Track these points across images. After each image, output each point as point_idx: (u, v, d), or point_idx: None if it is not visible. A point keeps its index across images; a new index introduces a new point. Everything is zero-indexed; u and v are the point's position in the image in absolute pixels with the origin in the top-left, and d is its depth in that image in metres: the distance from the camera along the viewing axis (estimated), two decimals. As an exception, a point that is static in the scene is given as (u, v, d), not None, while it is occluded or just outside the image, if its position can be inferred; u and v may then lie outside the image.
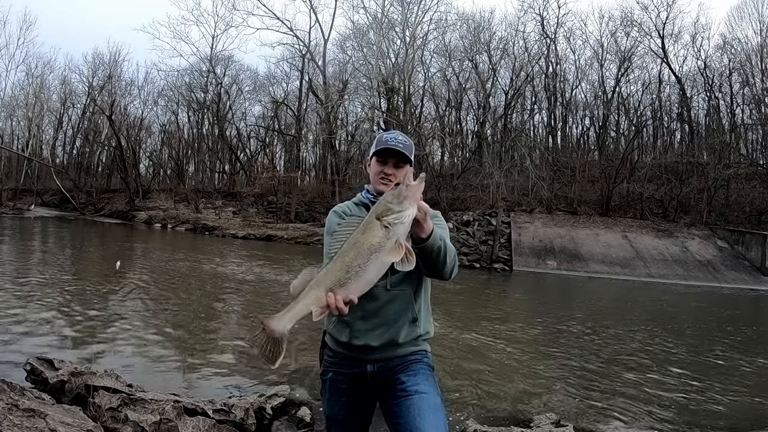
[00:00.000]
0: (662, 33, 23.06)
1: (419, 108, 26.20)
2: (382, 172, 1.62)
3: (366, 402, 1.60)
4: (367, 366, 1.53)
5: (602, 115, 24.64)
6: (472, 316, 7.67)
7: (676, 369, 5.37)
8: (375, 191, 1.65)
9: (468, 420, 3.39)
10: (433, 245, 1.39)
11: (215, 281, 9.20)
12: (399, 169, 1.61)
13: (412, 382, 1.50)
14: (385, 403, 1.53)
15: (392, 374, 1.52)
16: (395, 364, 1.53)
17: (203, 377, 4.13)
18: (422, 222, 1.32)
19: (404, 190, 1.23)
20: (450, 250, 1.47)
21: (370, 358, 1.53)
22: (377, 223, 1.23)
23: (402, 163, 1.62)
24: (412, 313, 1.55)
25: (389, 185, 1.56)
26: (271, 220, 23.13)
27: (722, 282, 14.11)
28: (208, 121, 30.99)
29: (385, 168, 1.62)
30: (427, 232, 1.36)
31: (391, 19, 24.92)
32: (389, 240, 1.22)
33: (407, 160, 1.61)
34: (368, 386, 1.55)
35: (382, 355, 1.53)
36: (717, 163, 19.26)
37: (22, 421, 2.05)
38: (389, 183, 1.59)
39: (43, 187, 29.89)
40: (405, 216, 1.22)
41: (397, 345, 1.53)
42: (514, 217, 18.15)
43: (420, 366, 1.55)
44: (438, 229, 1.42)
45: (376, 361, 1.53)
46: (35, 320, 5.34)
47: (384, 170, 1.62)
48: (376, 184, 1.64)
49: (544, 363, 5.29)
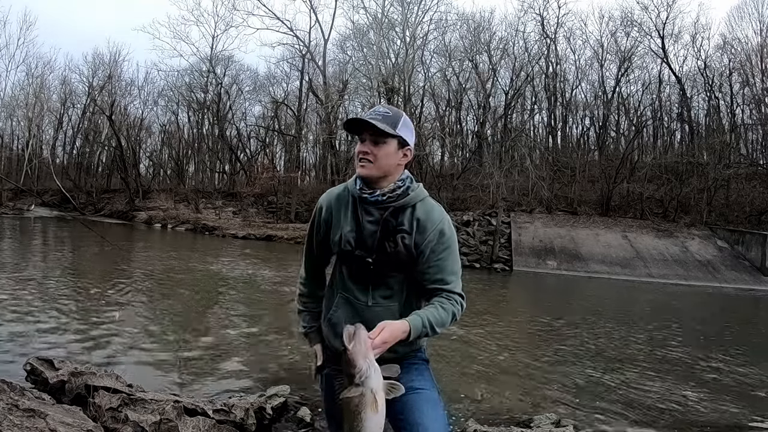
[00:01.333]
0: (662, 33, 23.07)
1: (419, 108, 26.18)
2: (359, 151, 1.42)
3: None
4: None
5: (602, 115, 24.63)
6: (471, 316, 7.66)
7: (676, 369, 5.37)
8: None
9: (468, 420, 3.38)
10: (418, 336, 1.35)
11: (215, 281, 9.20)
12: (378, 146, 1.39)
13: (406, 379, 1.46)
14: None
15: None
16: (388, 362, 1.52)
17: (203, 377, 4.13)
18: (389, 345, 1.29)
19: (350, 355, 1.25)
20: (440, 320, 1.38)
21: None
22: (351, 385, 1.27)
23: (381, 137, 1.38)
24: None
25: (367, 167, 1.40)
26: (271, 220, 23.13)
27: (722, 282, 14.11)
28: (208, 121, 30.99)
29: (361, 146, 1.41)
30: (403, 337, 1.32)
31: (391, 19, 24.93)
32: (365, 397, 1.25)
33: (385, 133, 1.37)
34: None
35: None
36: (717, 163, 19.26)
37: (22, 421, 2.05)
38: (366, 164, 1.40)
39: (43, 187, 29.89)
40: (364, 373, 1.24)
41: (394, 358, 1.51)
42: (514, 217, 18.15)
43: (414, 361, 1.52)
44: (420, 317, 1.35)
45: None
46: (35, 320, 5.33)
47: (358, 148, 1.42)
48: (356, 167, 1.43)
49: (544, 363, 5.29)
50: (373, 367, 1.25)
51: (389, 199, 1.43)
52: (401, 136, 1.41)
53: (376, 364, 1.26)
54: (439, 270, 1.43)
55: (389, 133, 1.37)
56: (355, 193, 1.46)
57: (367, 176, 1.42)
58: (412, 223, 1.42)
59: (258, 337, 5.53)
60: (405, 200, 1.44)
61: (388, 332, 1.28)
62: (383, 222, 1.42)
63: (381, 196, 1.43)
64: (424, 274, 1.44)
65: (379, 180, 1.43)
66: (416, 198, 1.46)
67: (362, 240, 1.44)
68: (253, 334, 5.64)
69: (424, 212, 1.44)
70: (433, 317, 1.37)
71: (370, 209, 1.44)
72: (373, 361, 1.26)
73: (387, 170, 1.42)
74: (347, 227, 1.45)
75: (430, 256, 1.42)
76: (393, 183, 1.44)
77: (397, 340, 1.31)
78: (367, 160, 1.40)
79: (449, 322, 1.41)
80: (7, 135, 33.30)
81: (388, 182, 1.44)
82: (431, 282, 1.44)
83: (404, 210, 1.44)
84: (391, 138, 1.39)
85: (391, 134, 1.38)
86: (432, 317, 1.37)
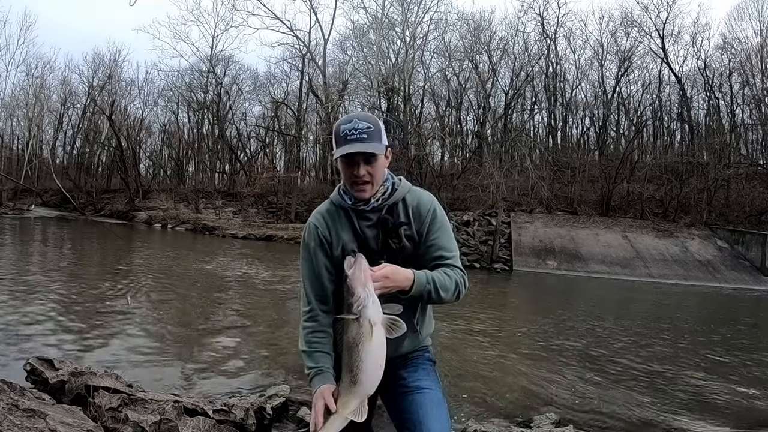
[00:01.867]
0: (662, 33, 23.08)
1: (419, 108, 26.21)
2: (353, 175, 1.39)
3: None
4: None
5: (602, 115, 24.64)
6: (472, 316, 7.66)
7: (676, 369, 5.37)
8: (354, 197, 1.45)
9: (468, 420, 3.38)
10: (421, 291, 1.34)
11: (215, 281, 9.20)
12: (372, 164, 1.39)
13: (413, 378, 1.48)
14: (387, 399, 1.52)
15: (392, 370, 1.49)
16: (395, 360, 1.50)
17: (203, 377, 4.13)
18: (390, 286, 1.30)
19: (349, 282, 1.26)
20: (444, 283, 1.38)
21: None
22: (349, 319, 1.27)
23: (372, 157, 1.38)
24: (410, 323, 1.47)
25: (366, 188, 1.40)
26: (271, 220, 23.14)
27: (722, 282, 14.11)
28: (208, 121, 31.02)
29: (354, 170, 1.38)
30: (403, 287, 1.32)
31: (391, 19, 24.95)
32: (362, 327, 1.25)
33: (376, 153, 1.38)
34: None
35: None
36: (717, 163, 19.26)
37: (22, 421, 2.05)
38: (366, 186, 1.40)
39: (43, 187, 29.89)
40: (362, 302, 1.24)
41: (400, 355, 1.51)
42: (514, 217, 18.15)
43: (421, 361, 1.53)
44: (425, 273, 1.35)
45: None
46: (35, 320, 5.33)
47: (354, 173, 1.38)
48: (354, 191, 1.42)
49: (544, 363, 5.29)
50: (372, 298, 1.25)
51: (383, 201, 1.46)
52: (385, 144, 1.42)
53: (376, 297, 1.26)
54: (436, 248, 1.46)
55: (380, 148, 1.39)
56: (345, 206, 1.46)
57: (370, 198, 1.44)
58: (408, 214, 1.46)
59: (258, 337, 5.53)
60: (395, 197, 1.47)
61: (390, 269, 1.31)
62: (381, 222, 1.45)
63: (376, 203, 1.45)
64: (424, 255, 1.46)
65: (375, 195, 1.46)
66: (404, 191, 1.49)
67: (366, 245, 1.45)
68: (252, 334, 5.65)
69: (415, 200, 1.48)
70: (438, 279, 1.38)
71: (366, 215, 1.46)
72: (373, 292, 1.26)
73: (380, 181, 1.45)
74: (346, 237, 1.46)
75: (427, 237, 1.46)
76: (382, 186, 1.47)
77: (398, 284, 1.32)
78: (365, 182, 1.40)
79: (453, 290, 1.40)
80: (7, 135, 33.37)
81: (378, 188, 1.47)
82: (431, 260, 1.45)
83: (396, 205, 1.47)
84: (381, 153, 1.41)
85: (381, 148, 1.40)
86: (436, 278, 1.38)
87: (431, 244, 1.45)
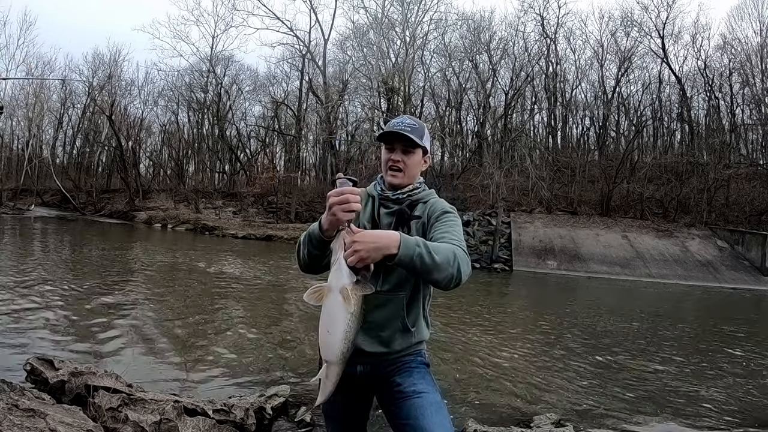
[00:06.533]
0: (662, 33, 23.09)
1: (419, 108, 26.18)
2: (390, 159, 1.53)
3: (361, 400, 1.58)
4: (357, 366, 1.47)
5: (602, 115, 24.64)
6: (471, 316, 7.66)
7: (676, 369, 5.37)
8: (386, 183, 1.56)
9: (468, 420, 3.38)
10: (411, 255, 1.23)
11: (215, 281, 9.20)
12: (408, 155, 1.52)
13: (408, 383, 1.46)
14: (384, 406, 1.51)
15: (386, 375, 1.49)
16: (387, 364, 1.50)
17: (203, 377, 4.13)
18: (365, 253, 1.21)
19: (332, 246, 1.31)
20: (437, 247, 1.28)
21: (361, 360, 1.47)
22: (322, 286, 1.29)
23: (411, 147, 1.51)
24: (402, 321, 1.47)
25: (398, 175, 1.52)
26: (271, 220, 23.14)
27: (722, 282, 14.11)
28: (208, 121, 31.03)
29: (392, 155, 1.52)
30: (388, 251, 1.22)
31: (391, 19, 24.94)
32: (331, 292, 1.25)
33: (415, 144, 1.50)
34: (360, 385, 1.52)
35: (373, 358, 1.49)
36: (717, 163, 19.27)
37: (22, 421, 2.05)
38: (398, 173, 1.52)
39: (43, 187, 29.89)
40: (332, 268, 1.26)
41: (391, 352, 1.49)
42: (514, 217, 18.15)
43: (414, 365, 1.51)
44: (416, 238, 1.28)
45: (366, 362, 1.49)
46: (35, 320, 5.34)
47: (391, 157, 1.52)
48: (386, 175, 1.55)
49: (544, 363, 5.29)
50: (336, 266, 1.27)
51: (408, 196, 1.56)
52: (426, 146, 1.55)
53: (342, 264, 1.24)
54: (441, 233, 1.42)
55: (418, 143, 1.51)
56: (374, 194, 1.58)
57: (399, 185, 1.54)
58: (425, 211, 1.54)
59: (258, 337, 5.53)
60: (419, 196, 1.56)
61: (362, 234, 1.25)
62: (399, 212, 1.54)
63: (401, 194, 1.55)
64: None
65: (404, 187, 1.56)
66: (429, 195, 1.59)
67: (377, 227, 1.51)
68: (252, 334, 5.64)
69: (436, 203, 1.57)
70: (430, 243, 1.29)
71: (388, 204, 1.56)
72: (341, 258, 1.25)
73: (413, 177, 1.56)
74: (364, 218, 1.54)
75: (434, 225, 1.49)
76: (411, 184, 1.57)
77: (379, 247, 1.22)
78: (398, 169, 1.53)
79: (450, 258, 1.27)
80: (7, 135, 33.35)
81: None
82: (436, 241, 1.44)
83: (417, 204, 1.56)
84: (419, 148, 1.53)
85: (420, 145, 1.52)
86: (428, 242, 1.29)
87: (436, 230, 1.45)
